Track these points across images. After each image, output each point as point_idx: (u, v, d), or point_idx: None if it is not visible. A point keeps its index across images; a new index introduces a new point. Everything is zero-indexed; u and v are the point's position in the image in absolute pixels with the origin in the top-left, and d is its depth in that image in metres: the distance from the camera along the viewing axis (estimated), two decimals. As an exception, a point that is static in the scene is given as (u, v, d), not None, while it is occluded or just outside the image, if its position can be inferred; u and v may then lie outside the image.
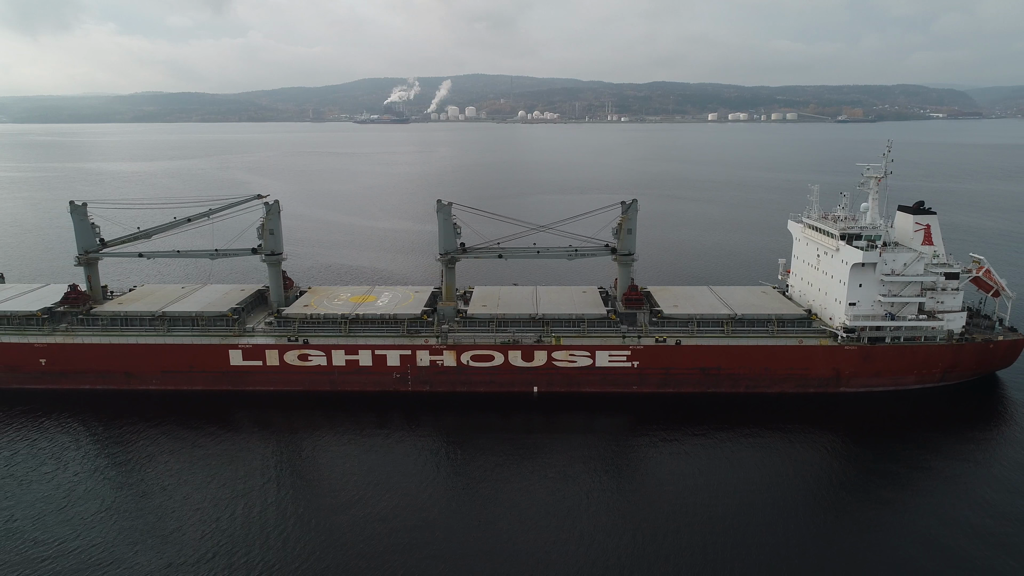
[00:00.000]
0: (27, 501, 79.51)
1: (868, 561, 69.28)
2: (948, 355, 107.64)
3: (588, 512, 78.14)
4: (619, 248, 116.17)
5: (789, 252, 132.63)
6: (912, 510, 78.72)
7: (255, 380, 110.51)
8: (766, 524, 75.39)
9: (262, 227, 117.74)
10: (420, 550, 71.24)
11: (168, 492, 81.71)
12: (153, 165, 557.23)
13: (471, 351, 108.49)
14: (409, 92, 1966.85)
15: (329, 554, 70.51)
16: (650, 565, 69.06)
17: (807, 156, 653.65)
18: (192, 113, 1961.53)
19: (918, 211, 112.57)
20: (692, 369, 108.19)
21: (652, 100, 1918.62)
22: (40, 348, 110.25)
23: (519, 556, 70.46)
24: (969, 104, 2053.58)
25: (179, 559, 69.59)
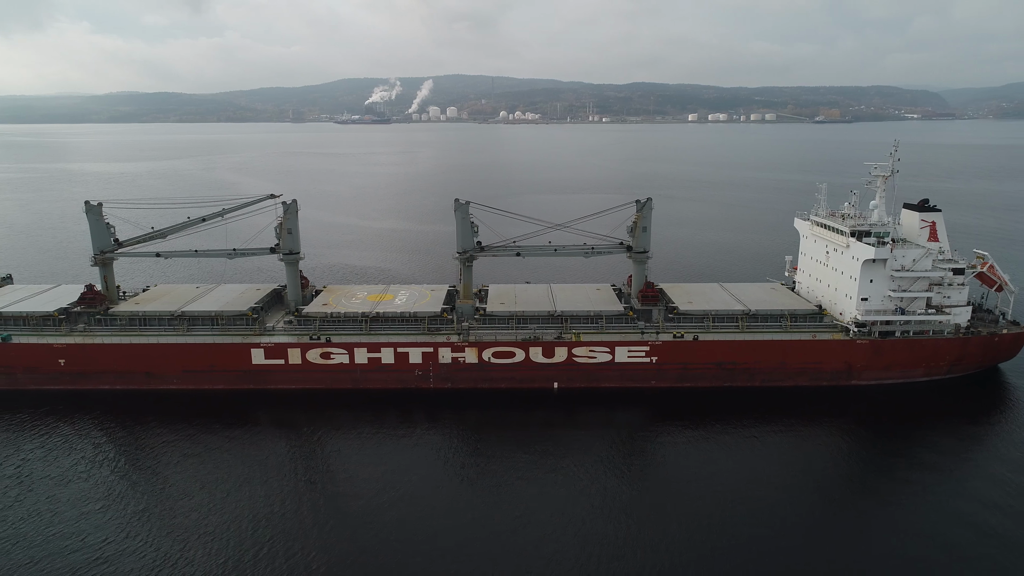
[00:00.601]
0: (68, 500, 79.60)
1: (888, 540, 71.87)
2: (955, 348, 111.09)
3: (609, 504, 79.62)
4: (635, 246, 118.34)
5: (790, 250, 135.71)
6: (931, 493, 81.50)
7: (277, 379, 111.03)
8: (786, 513, 77.45)
9: (280, 226, 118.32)
10: (444, 541, 72.49)
11: (208, 489, 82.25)
12: (137, 166, 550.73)
13: (492, 348, 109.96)
14: (391, 92, 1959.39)
15: (360, 548, 71.58)
16: (673, 553, 70.89)
17: (790, 156, 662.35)
18: (169, 113, 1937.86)
19: (923, 209, 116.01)
20: (709, 364, 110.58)
21: (632, 101, 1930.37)
22: (59, 348, 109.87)
23: (539, 548, 71.63)
24: (942, 105, 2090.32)
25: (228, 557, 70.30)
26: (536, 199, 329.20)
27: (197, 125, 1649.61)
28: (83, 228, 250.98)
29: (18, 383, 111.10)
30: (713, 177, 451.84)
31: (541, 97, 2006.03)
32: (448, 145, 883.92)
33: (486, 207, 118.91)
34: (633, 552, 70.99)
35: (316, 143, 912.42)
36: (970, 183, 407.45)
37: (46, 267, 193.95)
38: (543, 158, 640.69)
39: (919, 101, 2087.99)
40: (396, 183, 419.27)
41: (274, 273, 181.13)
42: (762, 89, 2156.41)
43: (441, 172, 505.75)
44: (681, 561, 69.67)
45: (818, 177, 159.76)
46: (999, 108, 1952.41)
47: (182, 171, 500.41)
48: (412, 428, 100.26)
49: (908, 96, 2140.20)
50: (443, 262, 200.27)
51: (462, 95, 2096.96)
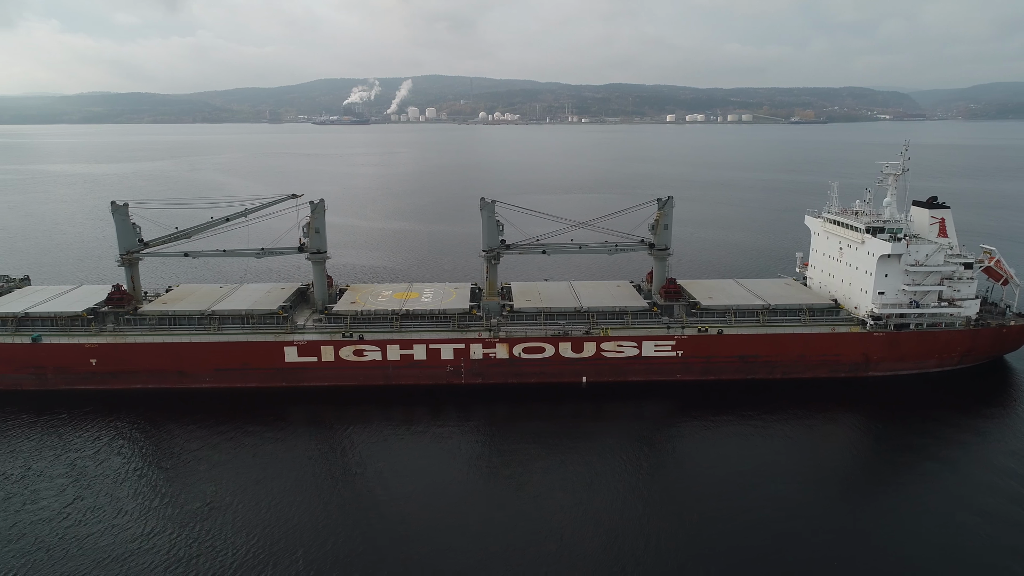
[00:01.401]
0: (126, 495, 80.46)
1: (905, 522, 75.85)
2: (966, 340, 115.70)
3: (635, 494, 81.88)
4: (656, 243, 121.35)
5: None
6: (948, 479, 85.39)
7: (309, 376, 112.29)
8: (811, 502, 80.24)
9: (308, 226, 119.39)
10: (475, 532, 74.28)
11: (263, 484, 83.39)
12: (121, 167, 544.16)
13: (523, 343, 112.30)
14: (370, 92, 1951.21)
15: (395, 540, 73.16)
16: (699, 542, 73.26)
17: (772, 156, 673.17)
18: (143, 114, 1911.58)
19: (933, 206, 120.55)
20: (732, 357, 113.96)
21: (611, 101, 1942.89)
22: (91, 348, 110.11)
23: (564, 536, 73.91)
24: (912, 106, 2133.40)
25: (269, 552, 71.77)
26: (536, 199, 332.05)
27: (173, 126, 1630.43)
28: (80, 230, 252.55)
29: (48, 383, 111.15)
30: (702, 177, 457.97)
31: (519, 98, 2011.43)
32: (431, 146, 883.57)
33: (512, 206, 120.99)
34: (655, 540, 72.96)
35: (297, 144, 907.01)
36: (949, 182, 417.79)
37: (52, 268, 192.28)
38: (529, 159, 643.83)
39: (890, 102, 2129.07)
40: (388, 184, 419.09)
41: (284, 272, 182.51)
42: (737, 90, 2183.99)
43: (431, 173, 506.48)
44: (707, 550, 71.69)
45: (805, 177, 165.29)
46: (967, 109, 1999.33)
47: (168, 172, 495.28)
48: (444, 423, 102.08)
49: (879, 97, 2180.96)
50: (454, 260, 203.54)
51: (440, 96, 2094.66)
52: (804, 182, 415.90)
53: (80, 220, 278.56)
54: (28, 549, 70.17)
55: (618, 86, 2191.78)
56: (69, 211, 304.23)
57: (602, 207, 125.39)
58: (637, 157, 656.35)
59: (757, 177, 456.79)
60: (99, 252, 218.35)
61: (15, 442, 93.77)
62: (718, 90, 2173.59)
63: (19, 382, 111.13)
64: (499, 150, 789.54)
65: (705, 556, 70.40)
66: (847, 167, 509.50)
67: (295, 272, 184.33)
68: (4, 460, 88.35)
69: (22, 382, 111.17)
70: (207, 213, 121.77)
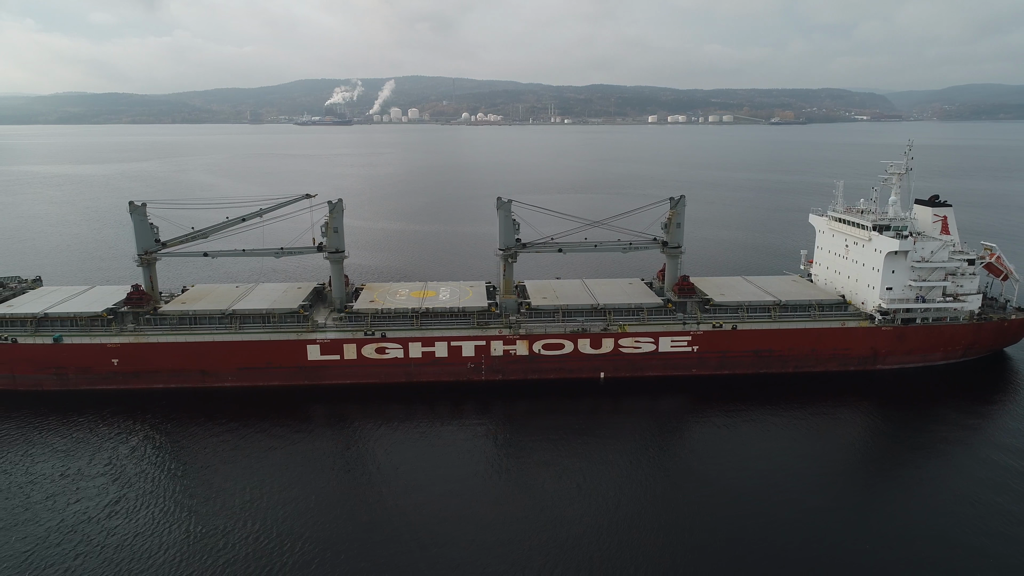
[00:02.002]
0: (166, 495, 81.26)
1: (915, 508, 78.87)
2: (970, 333, 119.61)
3: (652, 486, 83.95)
4: (669, 241, 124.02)
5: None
6: (955, 466, 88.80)
7: (332, 374, 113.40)
8: (822, 490, 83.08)
9: (326, 225, 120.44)
10: (496, 528, 75.46)
11: (306, 482, 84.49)
12: (106, 168, 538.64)
13: (542, 340, 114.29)
14: (352, 92, 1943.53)
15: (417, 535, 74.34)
16: (716, 531, 75.58)
17: (757, 156, 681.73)
18: (121, 115, 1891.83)
19: (935, 204, 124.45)
20: (746, 352, 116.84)
21: (593, 102, 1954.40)
22: (113, 348, 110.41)
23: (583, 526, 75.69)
24: (889, 107, 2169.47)
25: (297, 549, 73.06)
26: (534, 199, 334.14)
27: (152, 126, 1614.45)
28: (76, 231, 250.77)
29: (70, 383, 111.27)
30: (690, 177, 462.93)
31: (502, 99, 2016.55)
32: (416, 147, 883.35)
33: (529, 205, 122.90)
34: (667, 531, 74.84)
35: (281, 145, 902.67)
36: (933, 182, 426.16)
37: (53, 269, 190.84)
38: (517, 159, 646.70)
39: (867, 103, 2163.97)
40: (381, 185, 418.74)
41: (292, 272, 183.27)
42: (718, 91, 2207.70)
43: (422, 174, 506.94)
44: (719, 538, 73.80)
45: (792, 176, 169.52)
46: (942, 110, 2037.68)
47: (156, 174, 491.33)
48: (466, 419, 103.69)
49: (856, 98, 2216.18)
50: (461, 259, 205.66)
51: (422, 96, 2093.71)
52: (793, 182, 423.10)
53: (75, 221, 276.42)
54: (79, 547, 70.87)
55: (600, 87, 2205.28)
56: (61, 212, 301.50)
57: (602, 206, 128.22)
58: (625, 158, 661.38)
59: (746, 177, 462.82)
60: (99, 253, 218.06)
61: (50, 441, 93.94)
62: (698, 91, 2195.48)
63: (40, 382, 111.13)
64: (486, 151, 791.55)
65: (722, 540, 72.69)
66: (835, 167, 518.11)
67: (303, 272, 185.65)
68: (43, 460, 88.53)
69: (43, 382, 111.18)
70: (217, 213, 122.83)
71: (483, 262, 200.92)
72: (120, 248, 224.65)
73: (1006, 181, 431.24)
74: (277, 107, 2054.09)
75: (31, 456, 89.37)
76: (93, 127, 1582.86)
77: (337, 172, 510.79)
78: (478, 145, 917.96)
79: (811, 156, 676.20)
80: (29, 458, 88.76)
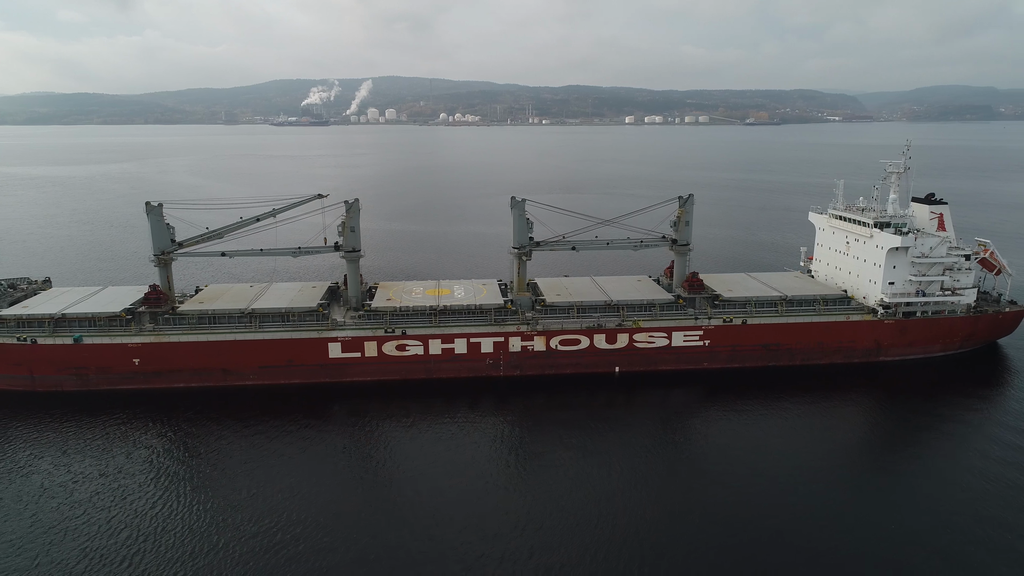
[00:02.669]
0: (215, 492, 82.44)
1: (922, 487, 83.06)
2: (967, 326, 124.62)
3: (665, 476, 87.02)
4: (678, 239, 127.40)
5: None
6: (957, 450, 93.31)
7: (353, 371, 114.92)
8: (832, 477, 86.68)
9: (343, 225, 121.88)
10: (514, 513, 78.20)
11: (331, 476, 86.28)
12: (85, 169, 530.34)
13: (559, 336, 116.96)
14: (329, 92, 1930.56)
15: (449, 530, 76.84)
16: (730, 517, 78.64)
17: (738, 157, 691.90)
18: (92, 115, 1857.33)
19: (931, 202, 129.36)
20: (756, 346, 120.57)
21: (570, 103, 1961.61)
22: (134, 348, 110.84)
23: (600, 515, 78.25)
24: (860, 108, 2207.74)
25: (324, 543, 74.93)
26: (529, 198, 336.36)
27: (125, 127, 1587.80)
28: (70, 233, 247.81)
29: (90, 384, 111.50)
30: (675, 178, 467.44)
31: (479, 99, 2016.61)
32: (397, 147, 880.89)
33: (542, 204, 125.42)
34: (680, 519, 77.49)
35: (259, 145, 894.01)
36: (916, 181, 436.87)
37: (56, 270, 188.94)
38: (500, 160, 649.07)
39: (838, 104, 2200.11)
40: (367, 186, 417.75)
41: (300, 272, 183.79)
42: (693, 92, 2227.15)
43: (408, 174, 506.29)
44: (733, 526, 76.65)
45: (776, 176, 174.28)
46: (911, 111, 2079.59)
47: (137, 175, 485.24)
48: (485, 414, 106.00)
49: (828, 99, 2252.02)
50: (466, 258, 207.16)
51: (399, 97, 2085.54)
52: (778, 181, 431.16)
53: (65, 224, 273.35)
54: (131, 541, 72.01)
55: (576, 88, 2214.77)
56: (49, 214, 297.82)
57: (598, 206, 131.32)
58: (608, 158, 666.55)
59: (731, 177, 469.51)
60: (98, 254, 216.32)
61: (84, 441, 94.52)
62: (674, 92, 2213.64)
63: (60, 383, 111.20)
64: (468, 152, 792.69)
65: (733, 527, 75.59)
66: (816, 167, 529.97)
67: (308, 271, 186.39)
68: (83, 459, 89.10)
69: (63, 383, 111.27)
70: (221, 214, 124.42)
71: (484, 260, 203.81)
72: (120, 248, 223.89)
73: (980, 181, 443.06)
74: (252, 107, 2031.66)
75: (68, 455, 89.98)
76: (63, 128, 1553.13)
77: (325, 173, 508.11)
78: (459, 146, 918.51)
79: (791, 156, 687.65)
80: (67, 457, 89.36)
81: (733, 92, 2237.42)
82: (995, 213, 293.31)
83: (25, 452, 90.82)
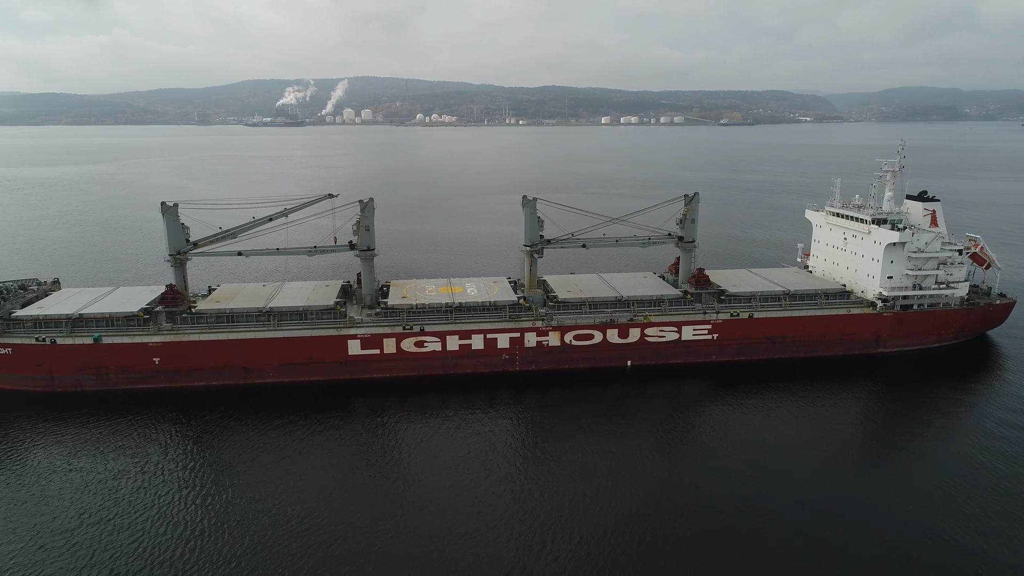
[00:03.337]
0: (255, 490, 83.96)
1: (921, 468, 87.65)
2: (961, 318, 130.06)
3: (675, 467, 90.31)
4: (685, 236, 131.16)
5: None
6: (956, 436, 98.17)
7: (371, 368, 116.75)
8: (839, 464, 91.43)
9: (358, 224, 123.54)
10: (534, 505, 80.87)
11: (357, 472, 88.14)
12: (64, 170, 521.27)
13: (573, 331, 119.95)
14: (305, 92, 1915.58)
15: None
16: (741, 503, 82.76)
17: (717, 157, 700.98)
18: (60, 115, 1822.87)
19: (924, 199, 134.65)
20: (762, 339, 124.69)
21: (546, 103, 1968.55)
22: (154, 347, 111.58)
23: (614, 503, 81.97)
24: (830, 109, 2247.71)
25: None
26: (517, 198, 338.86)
27: (95, 128, 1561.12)
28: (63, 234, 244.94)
29: (110, 383, 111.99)
30: (659, 177, 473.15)
31: (455, 99, 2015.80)
32: (376, 148, 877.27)
33: (553, 203, 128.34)
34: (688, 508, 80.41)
35: (236, 146, 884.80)
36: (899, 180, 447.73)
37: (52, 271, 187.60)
38: (482, 160, 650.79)
39: (809, 105, 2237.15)
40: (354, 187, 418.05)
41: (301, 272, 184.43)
42: (667, 93, 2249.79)
43: (393, 175, 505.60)
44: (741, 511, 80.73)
45: (756, 176, 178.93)
46: (879, 111, 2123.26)
47: (117, 176, 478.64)
48: (501, 408, 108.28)
49: (799, 100, 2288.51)
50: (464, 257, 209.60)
51: (374, 97, 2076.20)
52: (762, 181, 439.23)
53: (52, 226, 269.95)
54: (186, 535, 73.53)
55: (552, 88, 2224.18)
56: (36, 216, 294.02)
57: (596, 205, 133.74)
58: (589, 158, 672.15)
59: (715, 177, 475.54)
60: (97, 254, 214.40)
61: (119, 439, 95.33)
62: (648, 92, 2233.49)
63: (79, 383, 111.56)
64: (448, 152, 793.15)
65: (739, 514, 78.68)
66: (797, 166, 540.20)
67: (314, 271, 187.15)
68: (119, 457, 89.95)
69: (83, 383, 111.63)
70: (232, 213, 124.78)
71: (484, 259, 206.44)
72: (119, 249, 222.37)
73: (954, 180, 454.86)
74: (225, 108, 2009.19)
75: (104, 454, 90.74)
76: (31, 128, 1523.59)
77: (310, 174, 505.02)
78: (438, 146, 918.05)
79: (770, 156, 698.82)
80: (103, 455, 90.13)
81: (707, 93, 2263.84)
82: (977, 211, 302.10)
83: (60, 451, 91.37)
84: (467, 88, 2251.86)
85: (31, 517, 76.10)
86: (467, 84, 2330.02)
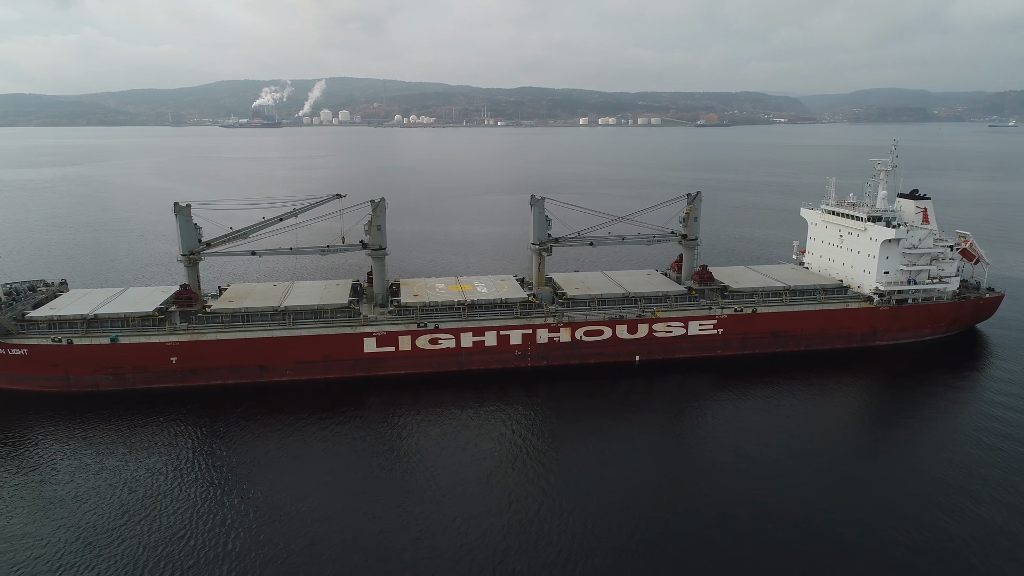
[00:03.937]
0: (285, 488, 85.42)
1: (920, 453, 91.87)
2: (953, 311, 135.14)
3: (681, 459, 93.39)
4: (688, 233, 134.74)
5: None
6: (953, 424, 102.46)
7: (387, 365, 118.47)
8: (842, 454, 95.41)
9: (370, 223, 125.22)
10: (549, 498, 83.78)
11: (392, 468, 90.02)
12: (43, 172, 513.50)
13: (584, 327, 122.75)
14: (282, 93, 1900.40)
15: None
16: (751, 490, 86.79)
17: (696, 157, 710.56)
18: (30, 116, 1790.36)
19: (916, 197, 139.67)
20: (765, 333, 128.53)
21: (524, 105, 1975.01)
22: (171, 347, 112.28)
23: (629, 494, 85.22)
24: (803, 110, 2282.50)
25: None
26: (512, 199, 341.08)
27: (66, 129, 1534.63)
28: (47, 237, 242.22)
29: (127, 383, 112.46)
30: (642, 177, 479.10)
31: (433, 100, 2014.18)
32: (356, 149, 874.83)
33: (561, 203, 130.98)
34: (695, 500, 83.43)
35: (215, 148, 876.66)
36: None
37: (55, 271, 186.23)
38: (464, 161, 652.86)
39: (783, 106, 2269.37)
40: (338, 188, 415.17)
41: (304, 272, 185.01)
42: (643, 94, 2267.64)
43: (375, 176, 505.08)
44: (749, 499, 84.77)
45: (739, 176, 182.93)
46: (851, 113, 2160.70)
47: (100, 178, 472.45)
48: (515, 403, 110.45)
49: (773, 101, 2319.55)
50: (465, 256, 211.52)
51: (352, 98, 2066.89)
52: (748, 181, 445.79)
53: (41, 228, 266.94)
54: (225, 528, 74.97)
55: (530, 89, 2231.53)
56: (23, 218, 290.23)
57: (594, 205, 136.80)
58: (571, 159, 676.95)
59: (699, 177, 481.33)
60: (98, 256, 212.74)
61: (147, 438, 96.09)
62: (625, 94, 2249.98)
63: (96, 383, 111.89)
64: (429, 153, 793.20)
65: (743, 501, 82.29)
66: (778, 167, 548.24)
67: (316, 270, 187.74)
68: (149, 456, 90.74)
69: (99, 383, 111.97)
70: (239, 213, 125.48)
71: (485, 257, 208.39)
72: (117, 250, 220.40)
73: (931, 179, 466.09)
74: (200, 109, 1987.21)
75: (135, 452, 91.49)
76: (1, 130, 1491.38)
77: (284, 175, 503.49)
78: (418, 147, 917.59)
79: (750, 156, 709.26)
80: (134, 454, 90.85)
81: (683, 94, 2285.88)
82: (960, 209, 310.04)
83: (89, 451, 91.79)
84: (445, 89, 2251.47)
85: (73, 516, 76.72)
86: (445, 85, 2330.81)
